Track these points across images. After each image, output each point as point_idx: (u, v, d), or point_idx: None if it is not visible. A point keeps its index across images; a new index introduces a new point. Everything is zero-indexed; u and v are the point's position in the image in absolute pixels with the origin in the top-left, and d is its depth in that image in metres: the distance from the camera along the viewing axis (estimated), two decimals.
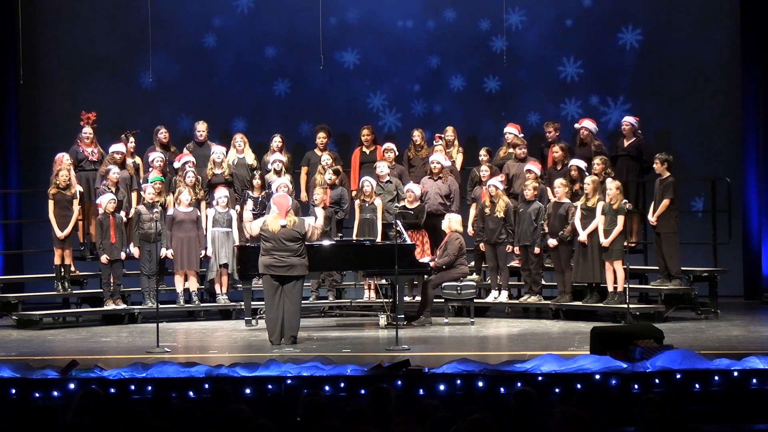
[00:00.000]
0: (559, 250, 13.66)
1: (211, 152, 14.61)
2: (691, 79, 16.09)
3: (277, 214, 11.75)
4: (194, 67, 16.63)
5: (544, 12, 16.32)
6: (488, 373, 9.14)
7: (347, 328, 13.45)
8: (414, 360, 9.66)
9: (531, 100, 16.27)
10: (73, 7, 16.68)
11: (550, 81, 16.28)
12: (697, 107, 16.07)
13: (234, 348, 11.95)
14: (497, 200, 13.88)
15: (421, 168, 14.73)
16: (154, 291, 13.38)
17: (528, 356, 9.89)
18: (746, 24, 15.73)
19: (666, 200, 13.36)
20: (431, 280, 13.43)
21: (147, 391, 9.07)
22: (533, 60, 16.33)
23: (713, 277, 13.76)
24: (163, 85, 16.35)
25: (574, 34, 16.32)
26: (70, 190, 14.03)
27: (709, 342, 11.45)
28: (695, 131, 16.05)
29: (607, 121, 16.00)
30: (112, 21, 16.56)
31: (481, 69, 16.40)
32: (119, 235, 13.82)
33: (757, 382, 9.12)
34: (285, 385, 9.10)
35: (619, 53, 16.26)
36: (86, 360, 10.02)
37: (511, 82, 16.35)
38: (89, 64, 16.58)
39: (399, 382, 9.02)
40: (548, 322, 13.53)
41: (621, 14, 16.30)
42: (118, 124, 15.32)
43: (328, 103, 16.52)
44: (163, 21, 16.13)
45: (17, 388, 9.11)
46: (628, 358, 9.49)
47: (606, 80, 16.32)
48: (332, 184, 14.42)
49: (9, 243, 16.17)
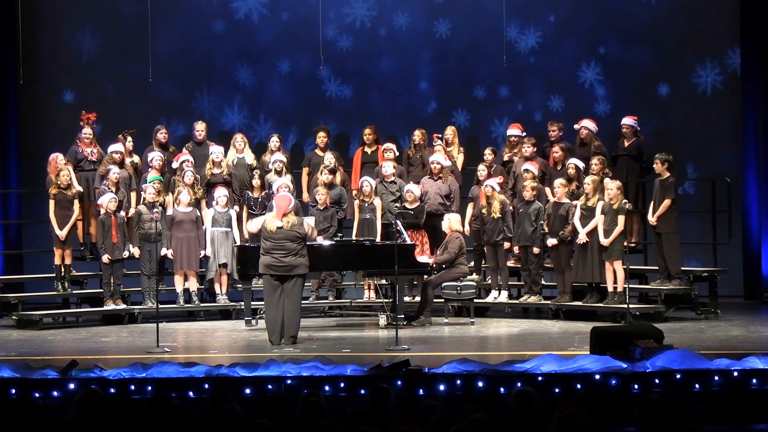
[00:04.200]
0: (559, 250, 13.66)
1: (210, 152, 14.61)
2: (692, 79, 16.09)
3: (274, 214, 11.75)
4: (194, 67, 16.63)
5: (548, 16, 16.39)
6: (488, 373, 9.13)
7: (347, 328, 13.45)
8: (414, 360, 9.65)
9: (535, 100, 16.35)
10: (73, 7, 16.69)
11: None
12: (697, 107, 16.06)
13: (234, 348, 11.96)
14: (493, 201, 13.89)
15: (421, 168, 14.73)
16: (154, 291, 13.39)
17: (528, 356, 9.89)
18: (747, 23, 15.72)
19: (667, 200, 13.36)
20: (431, 280, 13.44)
21: (147, 391, 9.06)
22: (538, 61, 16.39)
23: (713, 277, 13.76)
24: (163, 84, 16.34)
25: (575, 34, 16.34)
26: (71, 190, 14.03)
27: (709, 342, 11.45)
28: (695, 131, 16.05)
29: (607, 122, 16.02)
30: (112, 21, 16.56)
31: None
32: (120, 234, 13.83)
33: (757, 382, 9.11)
34: (285, 385, 9.10)
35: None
36: (86, 360, 10.02)
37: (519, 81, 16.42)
38: (89, 64, 16.59)
39: (399, 382, 9.02)
40: (548, 322, 13.54)
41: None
42: (118, 124, 15.32)
43: (330, 102, 16.55)
44: (163, 21, 16.12)
45: (17, 388, 9.10)
46: (628, 358, 9.49)
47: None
48: (330, 183, 14.42)
49: (9, 243, 16.18)
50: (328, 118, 16.16)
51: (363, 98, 16.61)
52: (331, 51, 16.31)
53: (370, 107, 16.57)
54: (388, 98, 16.61)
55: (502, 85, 16.41)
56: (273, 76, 16.63)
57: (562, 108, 16.22)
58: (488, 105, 16.46)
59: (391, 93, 16.61)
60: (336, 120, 16.39)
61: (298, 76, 16.59)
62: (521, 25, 16.31)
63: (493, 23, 15.91)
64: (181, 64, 16.59)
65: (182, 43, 16.59)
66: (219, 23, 16.61)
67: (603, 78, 16.27)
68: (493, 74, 16.35)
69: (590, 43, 16.34)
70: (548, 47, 16.36)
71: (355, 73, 16.65)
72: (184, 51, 16.60)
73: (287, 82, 16.63)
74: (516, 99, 16.44)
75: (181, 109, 16.47)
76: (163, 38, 16.22)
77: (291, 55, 16.56)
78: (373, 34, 16.61)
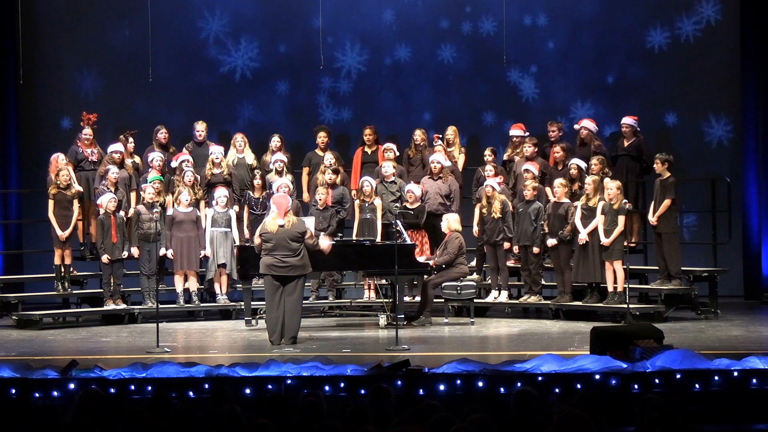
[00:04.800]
0: (559, 250, 13.66)
1: (210, 152, 14.61)
2: (691, 79, 16.08)
3: (276, 214, 11.75)
4: (194, 67, 16.63)
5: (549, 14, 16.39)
6: (488, 373, 9.14)
7: (347, 328, 13.45)
8: (414, 360, 9.65)
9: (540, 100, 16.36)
10: (72, 7, 16.67)
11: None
12: (697, 107, 16.06)
13: (234, 348, 11.96)
14: (493, 200, 13.89)
15: (420, 168, 14.73)
16: (154, 291, 13.39)
17: (528, 356, 9.89)
18: (746, 23, 15.72)
19: (667, 200, 13.36)
20: (431, 280, 13.43)
21: (147, 391, 9.07)
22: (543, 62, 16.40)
23: (713, 277, 13.76)
24: (163, 84, 16.34)
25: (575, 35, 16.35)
26: (71, 190, 14.03)
27: (709, 342, 11.45)
28: (695, 131, 16.04)
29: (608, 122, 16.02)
30: (111, 21, 16.56)
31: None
32: (120, 234, 13.83)
33: (757, 382, 9.11)
34: (285, 385, 9.10)
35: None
36: (86, 360, 10.02)
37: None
38: (89, 63, 16.58)
39: (399, 382, 9.02)
40: (548, 322, 13.53)
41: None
42: (118, 125, 15.31)
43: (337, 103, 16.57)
44: (163, 21, 16.11)
45: (17, 388, 9.11)
46: (628, 358, 9.49)
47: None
48: (332, 183, 14.42)
49: (9, 243, 16.18)
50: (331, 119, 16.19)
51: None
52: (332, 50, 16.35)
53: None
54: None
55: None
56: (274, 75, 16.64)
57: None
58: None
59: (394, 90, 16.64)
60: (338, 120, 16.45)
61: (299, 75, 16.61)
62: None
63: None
64: (181, 63, 16.56)
65: (182, 43, 16.57)
66: (218, 22, 16.60)
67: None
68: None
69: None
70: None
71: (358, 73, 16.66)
72: (184, 51, 16.58)
73: (287, 83, 16.63)
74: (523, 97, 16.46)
75: (181, 108, 16.42)
76: (164, 38, 16.19)
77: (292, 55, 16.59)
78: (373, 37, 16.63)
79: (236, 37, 16.62)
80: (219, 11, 16.59)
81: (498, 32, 15.96)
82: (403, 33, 16.55)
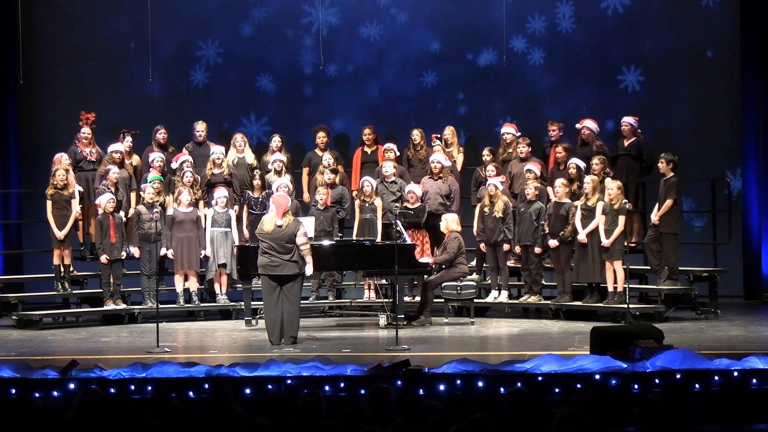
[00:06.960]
0: (560, 250, 13.66)
1: (210, 152, 14.61)
2: (692, 79, 16.09)
3: (275, 214, 11.73)
4: (194, 67, 16.63)
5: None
6: (488, 373, 9.14)
7: (347, 328, 13.45)
8: (414, 360, 9.65)
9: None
10: (72, 7, 16.68)
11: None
12: (697, 107, 16.06)
13: (234, 348, 11.95)
14: (496, 200, 13.89)
15: (420, 168, 14.72)
16: (154, 291, 13.38)
17: (528, 356, 9.89)
18: (746, 23, 15.72)
19: (669, 200, 13.36)
20: (431, 280, 13.43)
21: (147, 391, 9.07)
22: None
23: (713, 277, 13.76)
24: (163, 84, 16.34)
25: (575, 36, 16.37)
26: (68, 190, 14.02)
27: (709, 342, 11.45)
28: (695, 131, 16.04)
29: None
30: (111, 21, 16.56)
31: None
32: (119, 235, 13.82)
33: (757, 382, 9.12)
34: (285, 385, 9.10)
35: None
36: (86, 360, 10.02)
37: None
38: (89, 64, 16.58)
39: (399, 382, 9.02)
40: (548, 322, 13.53)
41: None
42: (118, 125, 15.31)
43: (331, 103, 16.56)
44: (163, 21, 16.12)
45: (17, 388, 9.11)
46: (628, 358, 9.49)
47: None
48: (332, 183, 14.42)
49: (9, 243, 16.18)
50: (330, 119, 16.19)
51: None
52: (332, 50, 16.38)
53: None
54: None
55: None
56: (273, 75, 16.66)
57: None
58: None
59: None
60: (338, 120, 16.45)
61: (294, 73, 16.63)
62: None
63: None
64: (180, 63, 16.58)
65: (182, 43, 16.58)
66: (217, 23, 16.63)
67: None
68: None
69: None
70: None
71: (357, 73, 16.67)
72: (184, 51, 16.59)
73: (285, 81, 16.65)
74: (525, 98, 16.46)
75: (181, 108, 16.42)
76: (164, 38, 16.20)
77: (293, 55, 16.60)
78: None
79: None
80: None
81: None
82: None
